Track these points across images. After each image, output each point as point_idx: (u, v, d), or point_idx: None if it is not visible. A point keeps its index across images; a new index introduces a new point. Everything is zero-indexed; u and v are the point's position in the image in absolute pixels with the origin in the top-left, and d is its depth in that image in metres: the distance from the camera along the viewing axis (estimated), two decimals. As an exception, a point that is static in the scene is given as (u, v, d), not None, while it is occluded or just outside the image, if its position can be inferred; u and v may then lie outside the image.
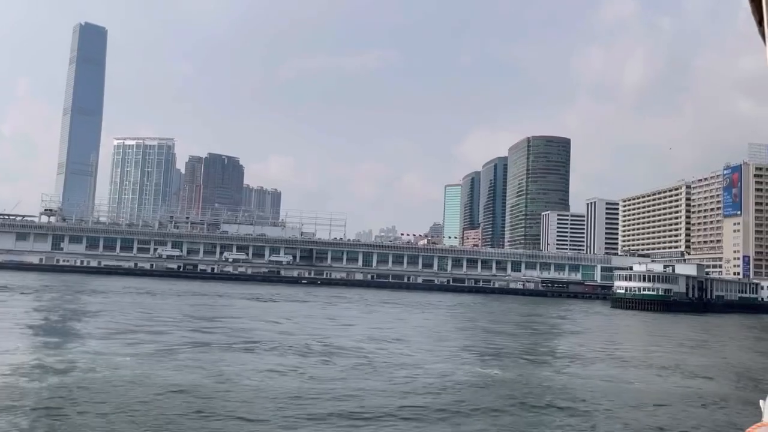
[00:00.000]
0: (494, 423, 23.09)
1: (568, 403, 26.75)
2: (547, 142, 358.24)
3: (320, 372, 31.51)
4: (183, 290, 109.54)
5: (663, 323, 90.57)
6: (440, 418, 23.28)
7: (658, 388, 30.38)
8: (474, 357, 37.76)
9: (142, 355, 33.98)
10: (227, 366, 31.60)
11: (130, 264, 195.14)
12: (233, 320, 59.44)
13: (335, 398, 25.18)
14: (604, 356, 42.77)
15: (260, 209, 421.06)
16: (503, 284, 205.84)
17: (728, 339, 70.17)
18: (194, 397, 24.39)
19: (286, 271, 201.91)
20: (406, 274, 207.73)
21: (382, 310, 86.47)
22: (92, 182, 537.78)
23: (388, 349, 41.77)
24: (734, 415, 25.53)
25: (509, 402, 26.17)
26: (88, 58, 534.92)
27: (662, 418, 25.63)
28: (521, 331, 62.85)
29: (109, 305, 67.63)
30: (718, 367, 37.57)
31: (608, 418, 25.04)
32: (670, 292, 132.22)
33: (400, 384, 27.78)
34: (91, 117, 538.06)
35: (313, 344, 43.08)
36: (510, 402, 26.09)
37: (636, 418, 25.81)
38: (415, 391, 27.32)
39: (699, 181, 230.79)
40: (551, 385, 28.71)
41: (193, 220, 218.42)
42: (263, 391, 25.70)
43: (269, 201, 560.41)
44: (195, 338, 43.52)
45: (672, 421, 25.09)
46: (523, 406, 25.66)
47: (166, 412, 22.14)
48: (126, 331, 45.31)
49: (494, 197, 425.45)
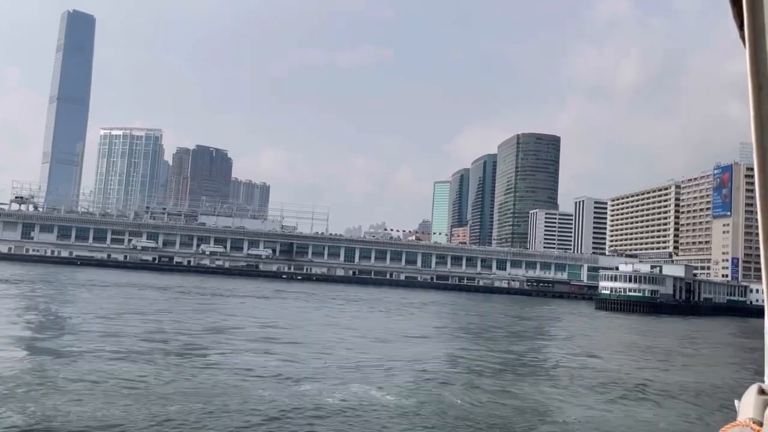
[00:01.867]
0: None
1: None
2: (537, 139, 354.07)
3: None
4: (126, 281, 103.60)
5: (647, 328, 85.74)
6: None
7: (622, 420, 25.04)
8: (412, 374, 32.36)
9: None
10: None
11: (103, 255, 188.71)
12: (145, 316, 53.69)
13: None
14: (576, 372, 37.57)
15: (249, 203, 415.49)
16: (488, 282, 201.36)
17: (714, 346, 65.45)
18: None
19: (264, 266, 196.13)
20: (389, 271, 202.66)
21: (337, 307, 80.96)
22: (78, 172, 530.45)
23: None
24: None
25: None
26: (76, 46, 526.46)
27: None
28: (491, 336, 57.68)
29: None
30: (695, 391, 32.53)
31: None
32: (657, 294, 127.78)
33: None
34: (77, 106, 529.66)
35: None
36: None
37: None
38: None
39: (689, 180, 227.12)
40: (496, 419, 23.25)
41: (170, 210, 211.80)
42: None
43: (258, 195, 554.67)
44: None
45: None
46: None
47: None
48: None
49: (483, 194, 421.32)
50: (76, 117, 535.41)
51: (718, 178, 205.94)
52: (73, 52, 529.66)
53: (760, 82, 1.64)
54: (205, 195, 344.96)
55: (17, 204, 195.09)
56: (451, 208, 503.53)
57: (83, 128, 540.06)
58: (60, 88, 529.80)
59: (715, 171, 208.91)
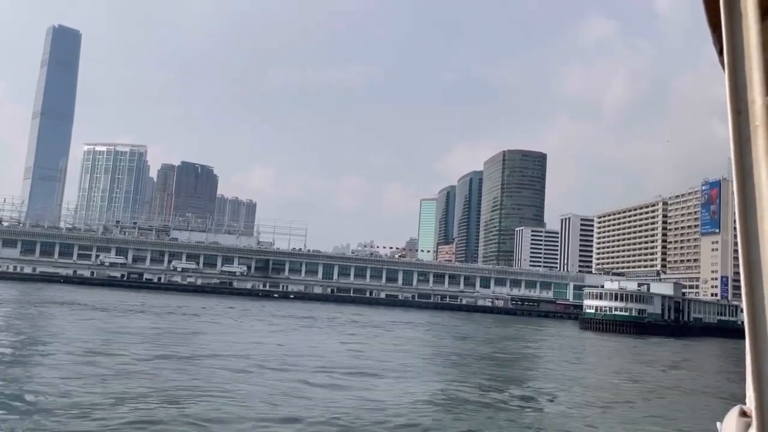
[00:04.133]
0: None
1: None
2: (523, 156, 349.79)
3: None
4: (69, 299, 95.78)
5: (634, 352, 79.04)
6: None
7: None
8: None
9: None
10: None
11: (69, 271, 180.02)
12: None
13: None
14: (547, 414, 30.79)
15: (235, 220, 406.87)
16: (471, 301, 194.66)
17: (704, 373, 58.94)
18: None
19: (239, 283, 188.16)
20: (368, 289, 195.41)
21: (289, 329, 73.81)
22: (60, 188, 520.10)
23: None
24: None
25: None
26: (61, 61, 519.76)
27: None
28: (459, 363, 50.75)
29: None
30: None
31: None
32: (645, 313, 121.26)
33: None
34: (61, 121, 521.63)
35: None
36: None
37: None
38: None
39: (676, 197, 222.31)
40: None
41: (141, 225, 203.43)
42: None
43: (244, 212, 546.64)
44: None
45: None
46: None
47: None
48: None
49: (469, 212, 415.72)
50: (60, 132, 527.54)
51: (706, 195, 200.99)
52: (57, 67, 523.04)
53: (739, 106, 1.69)
54: (190, 212, 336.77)
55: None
56: (437, 225, 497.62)
57: (67, 144, 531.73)
58: (44, 103, 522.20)
59: (704, 187, 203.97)
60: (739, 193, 1.61)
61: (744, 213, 1.58)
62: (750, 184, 1.52)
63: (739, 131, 1.65)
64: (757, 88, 1.58)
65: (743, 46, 1.68)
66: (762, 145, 1.52)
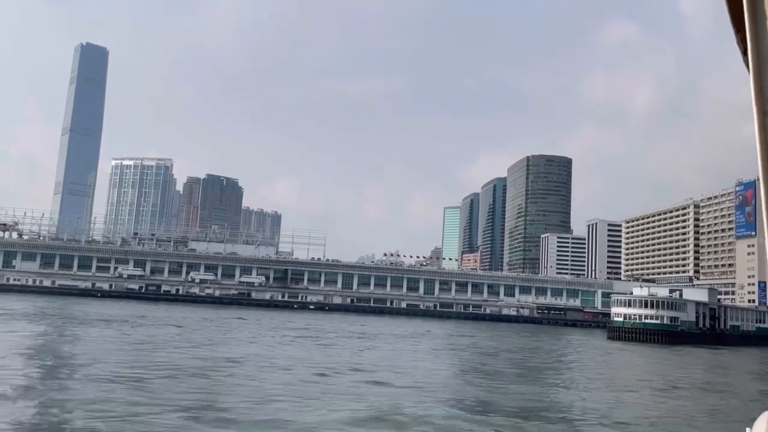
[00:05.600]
0: None
1: None
2: (547, 161, 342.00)
3: None
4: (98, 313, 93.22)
5: (667, 365, 73.07)
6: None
7: None
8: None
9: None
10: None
11: (87, 284, 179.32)
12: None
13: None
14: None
15: (260, 231, 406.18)
16: (495, 310, 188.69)
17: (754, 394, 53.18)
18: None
19: (257, 294, 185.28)
20: (389, 298, 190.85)
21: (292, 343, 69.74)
22: (89, 202, 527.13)
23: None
24: None
25: None
26: (89, 78, 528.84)
27: None
28: (478, 382, 46.10)
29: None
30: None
31: None
32: (677, 321, 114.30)
33: None
34: (89, 137, 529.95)
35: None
36: None
37: None
38: None
39: (708, 199, 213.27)
40: None
41: (159, 236, 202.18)
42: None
43: (269, 223, 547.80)
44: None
45: None
46: None
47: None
48: None
49: (493, 219, 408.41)
50: (88, 148, 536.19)
51: (741, 196, 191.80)
52: (86, 84, 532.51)
53: (765, 107, 1.68)
54: (216, 224, 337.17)
55: (0, 231, 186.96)
56: (461, 233, 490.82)
57: (95, 159, 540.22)
58: (73, 119, 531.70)
59: (738, 188, 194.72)
60: (766, 195, 1.58)
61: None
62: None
63: (765, 133, 1.63)
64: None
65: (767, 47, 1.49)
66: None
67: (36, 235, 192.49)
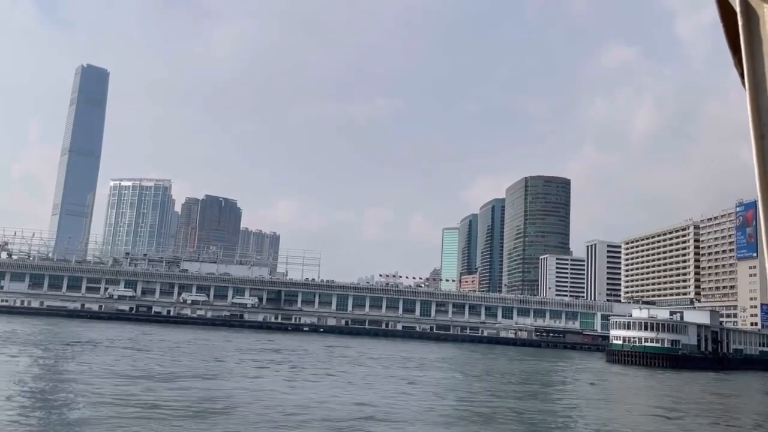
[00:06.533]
0: None
1: None
2: (546, 182, 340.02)
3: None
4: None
5: (668, 392, 69.68)
6: None
7: None
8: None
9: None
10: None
11: (76, 305, 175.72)
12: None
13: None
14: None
15: (258, 253, 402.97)
16: (493, 332, 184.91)
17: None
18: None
19: (250, 315, 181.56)
20: (385, 320, 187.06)
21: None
22: (87, 223, 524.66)
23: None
24: None
25: None
26: (90, 99, 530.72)
27: None
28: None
29: None
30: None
31: None
32: (678, 344, 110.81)
33: None
34: (89, 158, 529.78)
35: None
36: None
37: None
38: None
39: (708, 220, 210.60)
40: None
41: (151, 257, 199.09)
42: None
43: (267, 244, 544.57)
44: None
45: None
46: None
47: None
48: None
49: (492, 240, 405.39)
50: (87, 169, 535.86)
51: (741, 216, 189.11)
52: (86, 105, 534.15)
53: (762, 131, 1.68)
54: (214, 245, 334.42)
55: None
56: (460, 254, 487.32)
57: (94, 180, 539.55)
58: (72, 140, 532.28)
59: (738, 208, 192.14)
60: (765, 216, 1.57)
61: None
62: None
63: (763, 156, 1.62)
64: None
65: (764, 69, 1.63)
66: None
67: (26, 255, 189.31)
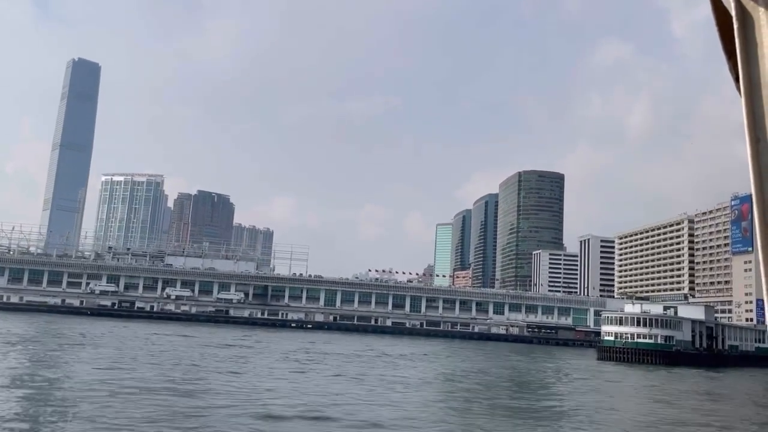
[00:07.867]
0: None
1: None
2: (539, 177, 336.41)
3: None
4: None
5: (662, 390, 66.03)
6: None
7: None
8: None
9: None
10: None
11: (57, 300, 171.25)
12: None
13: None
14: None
15: (252, 248, 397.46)
16: (484, 328, 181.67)
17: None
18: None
19: (235, 311, 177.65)
20: (374, 316, 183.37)
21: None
22: (78, 218, 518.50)
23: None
24: None
25: None
26: (81, 93, 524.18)
27: None
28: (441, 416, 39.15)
29: None
30: None
31: None
32: (672, 341, 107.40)
33: None
34: (80, 153, 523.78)
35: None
36: None
37: None
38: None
39: (703, 214, 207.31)
40: None
41: (134, 251, 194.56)
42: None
43: (261, 240, 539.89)
44: None
45: None
46: None
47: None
48: None
49: (485, 236, 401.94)
50: (79, 164, 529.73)
51: (737, 210, 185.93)
52: (77, 99, 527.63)
53: (757, 134, 1.69)
54: (206, 240, 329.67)
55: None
56: (453, 250, 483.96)
57: (85, 175, 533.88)
58: (63, 135, 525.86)
59: (733, 202, 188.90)
60: (760, 221, 1.55)
61: (766, 240, 1.27)
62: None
63: (758, 159, 1.62)
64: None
65: (759, 74, 1.63)
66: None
67: (6, 249, 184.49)
